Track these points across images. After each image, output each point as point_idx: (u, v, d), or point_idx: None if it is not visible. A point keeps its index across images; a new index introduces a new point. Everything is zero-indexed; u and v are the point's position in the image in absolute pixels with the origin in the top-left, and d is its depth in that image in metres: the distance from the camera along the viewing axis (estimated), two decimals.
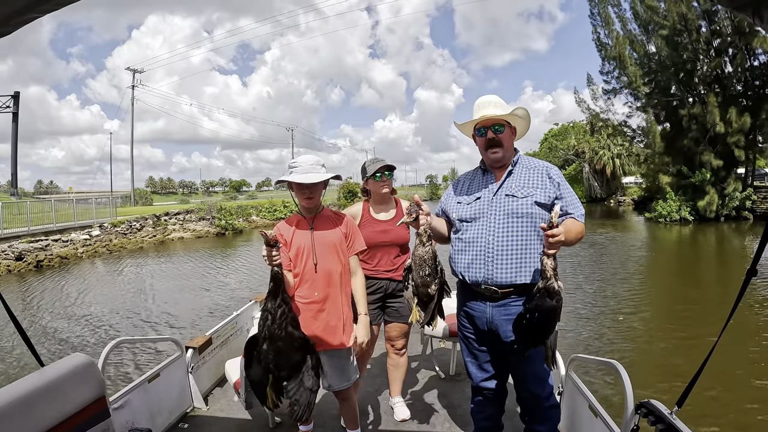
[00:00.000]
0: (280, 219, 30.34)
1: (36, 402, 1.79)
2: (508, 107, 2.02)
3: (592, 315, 7.56)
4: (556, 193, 1.95)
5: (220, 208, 24.99)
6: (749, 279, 1.45)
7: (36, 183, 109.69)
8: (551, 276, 1.68)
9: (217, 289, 10.67)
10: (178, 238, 22.52)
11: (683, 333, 6.55)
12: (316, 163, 2.15)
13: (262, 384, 1.99)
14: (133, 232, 22.45)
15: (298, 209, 2.27)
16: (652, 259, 13.91)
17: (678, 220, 21.14)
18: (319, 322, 2.15)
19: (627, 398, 1.91)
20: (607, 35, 21.55)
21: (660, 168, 21.34)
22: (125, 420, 2.48)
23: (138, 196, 56.74)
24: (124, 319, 8.41)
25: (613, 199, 41.17)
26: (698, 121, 20.31)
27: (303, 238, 2.17)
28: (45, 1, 1.25)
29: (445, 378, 3.57)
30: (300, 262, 2.15)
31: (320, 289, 2.15)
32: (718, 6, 16.23)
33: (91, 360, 2.12)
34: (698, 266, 12.73)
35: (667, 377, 5.04)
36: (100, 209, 23.61)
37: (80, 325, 8.05)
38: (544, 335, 1.77)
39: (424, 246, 1.90)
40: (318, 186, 2.15)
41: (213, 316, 8.15)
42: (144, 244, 20.88)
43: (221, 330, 3.66)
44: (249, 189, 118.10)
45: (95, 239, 20.36)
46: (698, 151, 20.49)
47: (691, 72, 21.34)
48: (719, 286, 9.87)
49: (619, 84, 22.22)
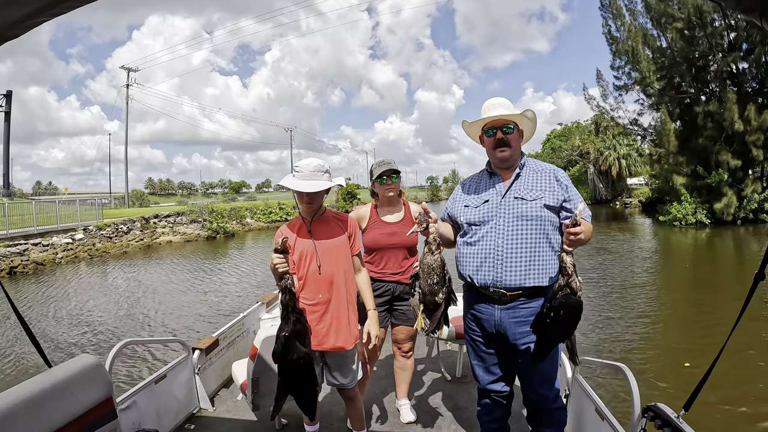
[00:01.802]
0: (276, 222, 29.80)
1: (44, 403, 1.78)
2: (516, 110, 2.03)
3: (602, 318, 7.43)
4: (564, 195, 1.94)
5: (211, 210, 23.78)
6: (757, 283, 1.42)
7: (35, 184, 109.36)
8: (572, 272, 1.67)
9: (184, 317, 9.21)
10: (166, 242, 21.46)
11: (695, 337, 6.44)
12: (317, 169, 2.14)
13: (312, 398, 2.04)
14: (120, 235, 21.43)
15: (299, 212, 2.27)
16: (671, 265, 12.95)
17: (694, 224, 19.93)
18: (324, 324, 2.17)
19: (634, 401, 1.92)
20: (618, 28, 20.41)
21: (674, 168, 20.09)
22: (132, 421, 2.48)
23: (135, 197, 55.94)
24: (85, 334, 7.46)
25: (619, 201, 40.01)
26: (714, 119, 19.19)
27: (306, 242, 2.18)
28: (54, 5, 1.27)
29: (451, 380, 3.56)
30: (303, 265, 2.17)
31: (324, 291, 2.17)
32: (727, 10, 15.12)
33: (99, 361, 2.11)
34: (720, 272, 11.88)
35: (677, 381, 4.98)
36: (86, 211, 22.57)
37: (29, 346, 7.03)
38: (570, 332, 1.75)
39: (433, 254, 1.91)
40: (318, 192, 2.15)
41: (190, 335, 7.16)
42: (129, 249, 19.83)
43: (228, 331, 3.67)
44: (249, 190, 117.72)
45: (78, 243, 19.37)
46: (714, 151, 19.36)
47: (704, 68, 20.29)
48: (738, 291, 8.94)
49: (630, 80, 21.05)
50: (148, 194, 72.99)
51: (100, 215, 22.92)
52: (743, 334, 5.83)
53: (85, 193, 67.28)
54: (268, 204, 31.35)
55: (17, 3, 1.23)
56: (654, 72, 19.42)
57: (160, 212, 24.49)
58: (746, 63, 19.71)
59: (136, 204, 50.32)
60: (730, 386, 4.63)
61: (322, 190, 2.12)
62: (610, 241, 16.96)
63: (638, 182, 45.80)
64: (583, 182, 41.78)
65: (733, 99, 18.04)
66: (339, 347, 2.20)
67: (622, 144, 39.99)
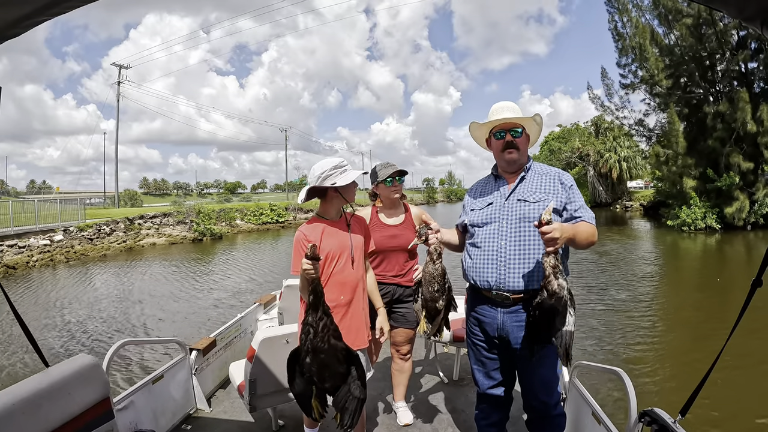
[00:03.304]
0: (267, 224, 28.84)
1: (41, 402, 1.77)
2: (521, 113, 2.02)
3: (603, 324, 7.37)
4: (567, 197, 1.93)
5: (198, 211, 22.70)
6: (754, 290, 1.41)
7: (29, 183, 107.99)
8: (550, 274, 1.67)
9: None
10: (150, 245, 20.43)
11: (696, 343, 6.45)
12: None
13: (307, 395, 1.98)
14: (102, 237, 20.40)
15: (345, 208, 2.27)
16: (681, 269, 12.14)
17: (703, 229, 19.03)
18: (343, 326, 2.07)
19: (631, 406, 1.93)
20: (625, 24, 19.49)
21: (681, 171, 19.13)
22: (129, 421, 2.48)
23: (127, 197, 54.74)
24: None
25: (620, 204, 39.19)
26: (724, 120, 18.34)
27: (334, 241, 2.15)
28: (54, 5, 1.26)
29: (448, 383, 3.56)
30: (329, 266, 2.13)
31: (347, 292, 2.16)
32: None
33: (96, 361, 2.09)
34: (733, 278, 11.23)
35: (674, 386, 5.00)
36: (68, 211, 21.53)
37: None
38: (549, 335, 1.73)
39: (434, 264, 1.96)
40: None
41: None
42: (109, 251, 18.79)
43: (225, 332, 3.66)
44: (244, 191, 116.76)
45: (56, 245, 18.37)
46: (724, 152, 18.52)
47: (712, 67, 19.48)
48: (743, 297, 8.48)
49: (637, 78, 20.15)
50: (142, 194, 71.90)
51: (83, 215, 21.87)
52: (741, 339, 5.50)
53: (78, 192, 66.24)
54: (260, 205, 30.30)
55: (18, 2, 1.23)
56: (662, 70, 18.52)
57: (146, 213, 23.45)
58: (755, 62, 18.94)
59: (128, 204, 49.21)
60: (728, 392, 4.64)
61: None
62: (610, 245, 16.34)
63: (636, 185, 45.04)
64: (582, 185, 40.96)
65: (745, 99, 17.20)
66: (355, 349, 2.11)
67: (623, 146, 39.25)
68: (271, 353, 2.54)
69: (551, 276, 1.65)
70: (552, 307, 1.64)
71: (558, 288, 1.64)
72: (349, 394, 1.94)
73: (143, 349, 6.37)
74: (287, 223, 28.79)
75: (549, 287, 1.65)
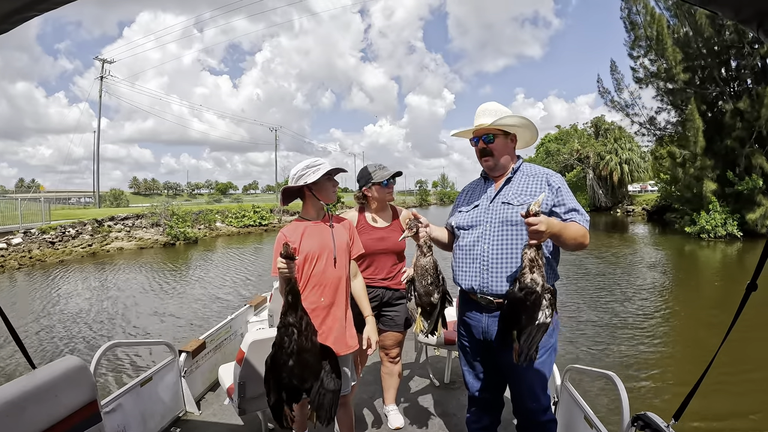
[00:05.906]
0: (249, 226, 27.02)
1: (26, 405, 1.72)
2: (501, 114, 1.94)
3: (601, 324, 7.36)
4: (555, 200, 1.85)
5: (171, 213, 20.83)
6: (749, 294, 1.41)
7: (17, 181, 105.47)
8: (525, 266, 1.62)
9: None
10: (117, 249, 18.58)
11: (695, 348, 6.37)
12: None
13: (280, 404, 1.90)
14: (66, 240, 18.57)
15: (323, 209, 2.22)
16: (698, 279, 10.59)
17: (723, 236, 17.47)
18: (324, 329, 2.07)
19: (623, 410, 1.91)
20: (639, 11, 17.89)
21: (700, 173, 17.58)
22: (117, 424, 2.47)
23: (112, 196, 52.61)
24: None
25: (620, 209, 37.76)
26: (744, 118, 16.87)
27: (314, 242, 2.10)
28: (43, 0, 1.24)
29: (439, 386, 3.54)
30: (309, 267, 2.08)
31: (328, 294, 2.10)
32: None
33: (84, 363, 2.03)
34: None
35: (669, 390, 4.93)
36: (31, 212, 19.69)
37: None
38: (511, 326, 1.68)
39: (425, 257, 1.92)
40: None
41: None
42: (70, 257, 16.94)
43: (215, 334, 3.63)
44: (235, 192, 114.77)
45: (12, 249, 16.56)
46: (744, 153, 17.06)
47: (728, 62, 18.04)
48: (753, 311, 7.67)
49: (653, 67, 18.54)
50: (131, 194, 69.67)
51: (47, 216, 20.01)
52: (736, 344, 5.41)
53: (68, 192, 63.98)
54: (242, 207, 28.44)
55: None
56: (679, 62, 16.98)
57: (118, 214, 21.60)
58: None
59: (113, 204, 47.09)
60: (722, 397, 4.60)
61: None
62: (610, 250, 15.24)
63: (633, 189, 43.70)
64: (581, 188, 39.55)
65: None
66: (338, 353, 2.04)
67: (625, 148, 37.88)
68: (261, 356, 2.30)
69: (527, 269, 1.61)
70: (520, 300, 1.60)
71: (531, 282, 1.59)
72: (322, 389, 1.90)
73: (132, 350, 6.34)
74: (271, 225, 26.95)
75: (522, 279, 1.61)
